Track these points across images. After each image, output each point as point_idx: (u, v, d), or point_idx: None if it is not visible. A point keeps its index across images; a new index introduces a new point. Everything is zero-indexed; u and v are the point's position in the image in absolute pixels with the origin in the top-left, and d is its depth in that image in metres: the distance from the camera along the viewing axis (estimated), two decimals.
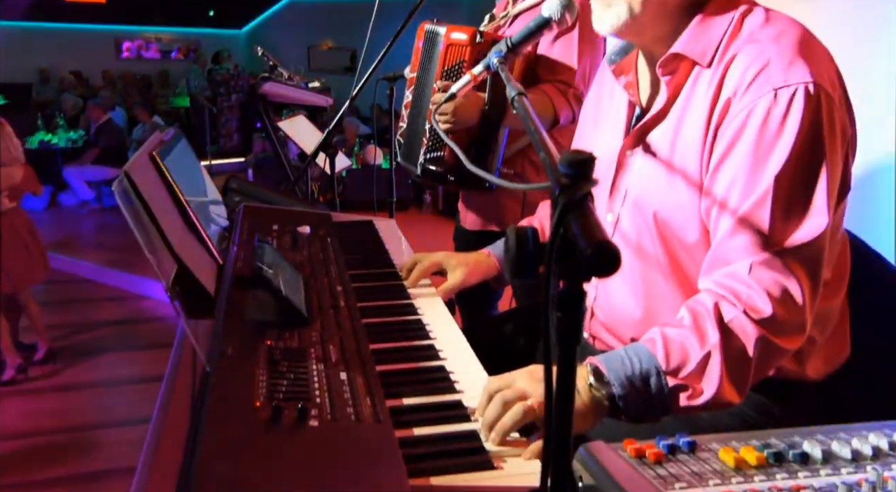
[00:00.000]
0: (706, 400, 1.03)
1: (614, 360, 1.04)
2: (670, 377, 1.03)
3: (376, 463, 0.87)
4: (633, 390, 1.02)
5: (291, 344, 1.16)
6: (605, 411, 1.04)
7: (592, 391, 1.03)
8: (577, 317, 0.61)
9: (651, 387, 1.02)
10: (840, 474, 0.78)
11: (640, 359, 1.04)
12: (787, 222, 1.06)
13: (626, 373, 1.02)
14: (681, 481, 0.78)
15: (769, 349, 1.05)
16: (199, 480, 0.75)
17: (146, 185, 1.06)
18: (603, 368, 1.03)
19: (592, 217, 0.58)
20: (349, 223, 2.03)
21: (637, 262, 1.25)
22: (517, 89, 0.96)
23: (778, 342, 1.05)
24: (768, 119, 1.06)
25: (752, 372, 1.05)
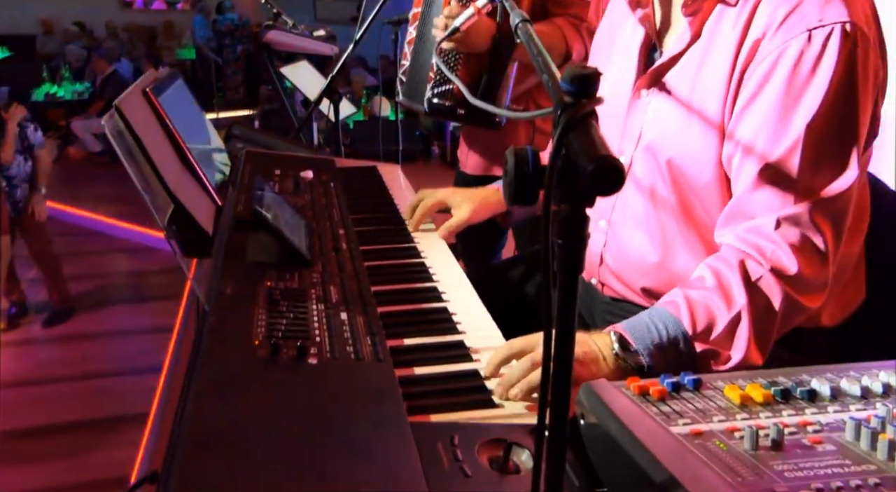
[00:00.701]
0: (734, 364, 0.99)
1: (639, 327, 1.00)
2: (698, 343, 0.99)
3: (376, 400, 0.86)
4: (661, 358, 0.97)
5: (291, 285, 1.14)
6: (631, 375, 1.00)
7: (619, 361, 0.98)
8: (580, 244, 0.58)
9: (680, 353, 0.97)
10: (849, 410, 0.76)
11: (667, 325, 0.99)
12: (816, 175, 1.01)
13: (654, 341, 0.97)
14: (684, 417, 0.76)
15: (793, 308, 1.02)
16: (193, 414, 0.74)
17: (138, 120, 1.03)
18: (629, 336, 0.99)
19: (596, 135, 0.54)
20: (353, 169, 2.00)
21: (649, 206, 1.21)
22: (521, 16, 0.91)
23: (802, 301, 1.02)
24: (800, 62, 0.99)
25: (775, 332, 1.02)
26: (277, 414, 0.78)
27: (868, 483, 0.63)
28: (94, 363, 3.73)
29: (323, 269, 1.24)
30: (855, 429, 0.70)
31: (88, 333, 4.08)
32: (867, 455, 0.67)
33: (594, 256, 1.32)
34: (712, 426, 0.74)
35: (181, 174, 1.14)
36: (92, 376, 3.60)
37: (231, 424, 0.75)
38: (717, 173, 1.11)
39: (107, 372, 3.62)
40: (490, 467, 0.77)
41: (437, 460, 0.75)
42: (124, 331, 4.17)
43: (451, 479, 0.73)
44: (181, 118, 1.29)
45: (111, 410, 3.16)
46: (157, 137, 1.12)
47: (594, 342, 0.99)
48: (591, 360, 0.96)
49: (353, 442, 0.75)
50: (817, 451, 0.69)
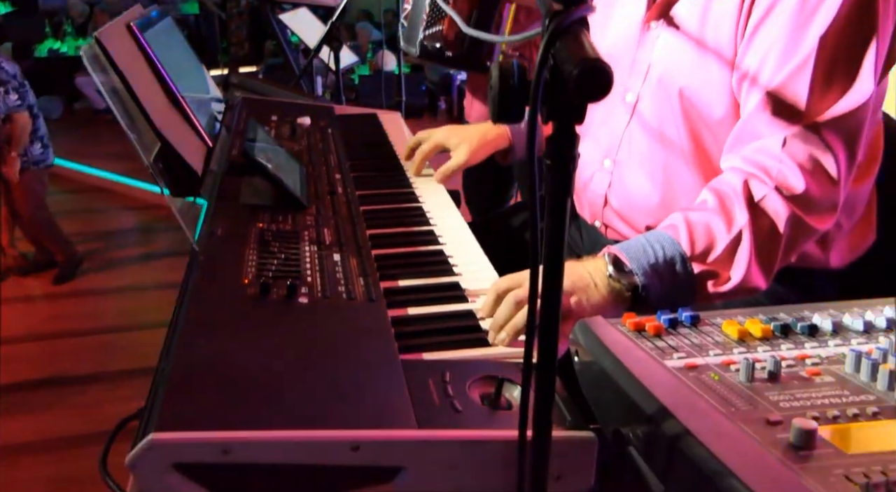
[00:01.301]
0: (733, 286, 0.96)
1: (635, 248, 0.96)
2: (696, 263, 0.95)
3: (367, 338, 0.84)
4: (657, 278, 0.93)
5: (284, 227, 1.12)
6: (625, 303, 0.95)
7: (611, 283, 0.94)
8: (569, 163, 0.55)
9: (677, 274, 0.94)
10: (850, 344, 0.74)
11: (664, 246, 0.95)
12: (829, 89, 0.96)
13: (650, 261, 0.94)
14: (680, 351, 0.74)
15: (800, 229, 0.98)
16: (178, 351, 0.73)
17: (121, 54, 0.99)
18: (624, 257, 0.95)
19: (585, 41, 0.51)
20: (352, 116, 1.96)
21: (657, 146, 1.17)
22: None
23: (809, 221, 0.98)
24: None
25: (780, 254, 0.98)
26: (265, 352, 0.77)
27: (866, 412, 0.61)
28: (106, 319, 3.77)
29: (317, 212, 1.21)
30: (855, 361, 0.68)
31: (100, 289, 4.11)
32: (867, 386, 0.65)
33: (598, 198, 1.28)
34: (708, 360, 0.72)
35: (169, 112, 1.11)
36: (104, 330, 3.64)
37: (217, 361, 0.73)
38: (730, 106, 1.06)
39: (119, 327, 3.66)
40: (482, 403, 0.76)
41: (427, 397, 0.74)
42: (135, 287, 4.19)
43: (440, 414, 0.72)
44: (169, 57, 1.26)
45: (123, 364, 3.20)
46: (142, 72, 1.09)
47: (585, 269, 0.96)
48: (581, 288, 0.93)
49: (341, 379, 0.74)
50: (815, 382, 0.67)
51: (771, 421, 0.60)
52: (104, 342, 3.43)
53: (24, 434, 2.65)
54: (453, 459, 0.68)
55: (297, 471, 0.63)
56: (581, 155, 1.42)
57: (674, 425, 0.61)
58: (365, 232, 1.17)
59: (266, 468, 0.62)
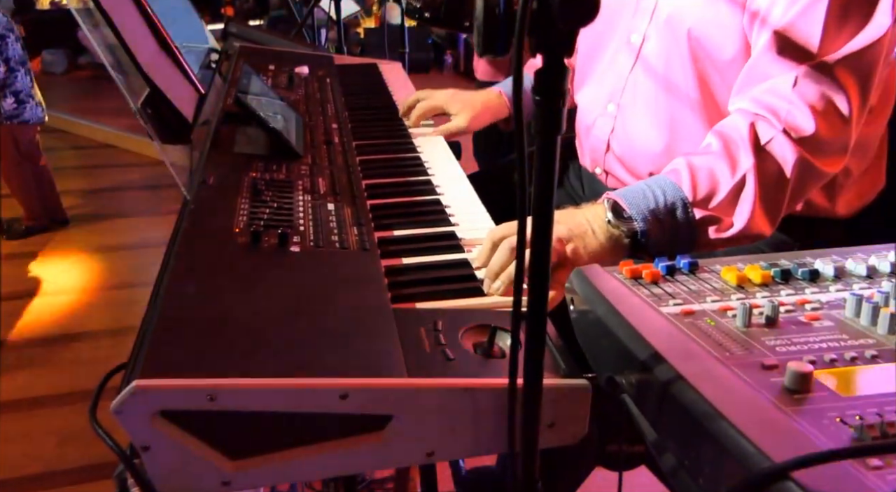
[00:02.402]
0: (736, 231, 0.94)
1: (635, 193, 0.94)
2: (698, 209, 0.93)
3: (358, 287, 0.83)
4: (657, 224, 0.91)
5: (278, 176, 1.10)
6: (624, 250, 0.93)
7: (610, 229, 0.92)
8: (558, 99, 0.52)
9: (677, 220, 0.92)
10: (851, 289, 0.72)
11: (665, 191, 0.93)
12: (843, 25, 0.92)
13: (650, 207, 0.92)
14: (676, 298, 0.73)
15: (808, 172, 0.94)
16: (165, 299, 0.72)
17: None
18: (623, 202, 0.93)
19: None
20: (352, 66, 1.91)
21: (662, 91, 1.13)
22: None
23: (818, 164, 0.94)
24: None
25: (786, 199, 0.95)
26: (254, 300, 0.76)
27: (865, 356, 0.59)
28: (115, 274, 3.79)
29: (312, 161, 1.19)
30: (856, 305, 0.66)
31: (109, 245, 4.13)
32: (866, 330, 0.64)
33: (601, 144, 1.25)
34: (705, 306, 0.71)
35: (158, 58, 1.08)
36: (114, 286, 3.67)
37: (204, 308, 0.73)
38: (741, 48, 1.02)
39: (128, 283, 3.69)
40: (474, 352, 0.75)
41: (418, 345, 0.73)
42: (144, 243, 4.20)
43: (431, 362, 0.71)
44: (162, 4, 1.22)
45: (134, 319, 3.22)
46: (130, 16, 1.05)
47: (583, 215, 0.94)
48: (579, 235, 0.91)
49: (331, 328, 0.73)
50: (814, 327, 0.65)
51: (766, 365, 0.58)
52: (114, 298, 3.47)
53: (37, 388, 2.70)
54: (444, 407, 0.67)
55: (284, 419, 0.63)
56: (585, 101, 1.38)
57: (666, 370, 0.59)
58: (361, 181, 1.15)
59: (253, 416, 0.62)
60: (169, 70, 1.09)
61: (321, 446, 0.65)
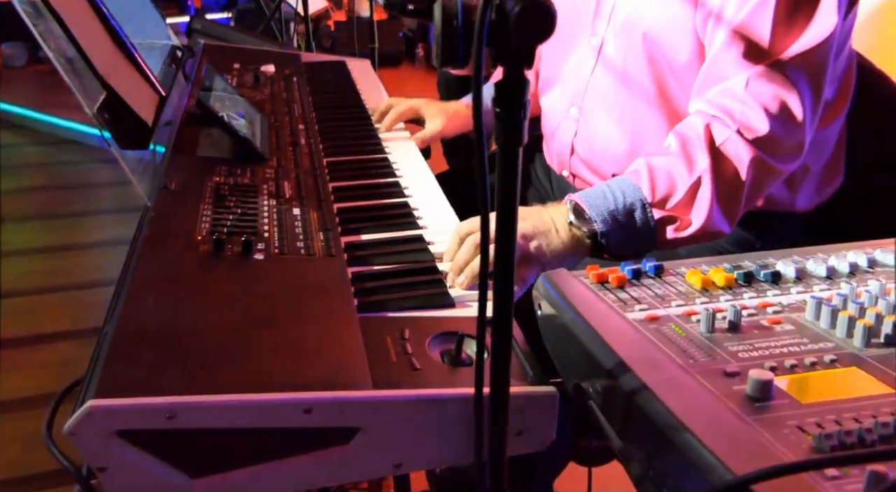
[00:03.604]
0: (695, 231, 0.96)
1: (596, 195, 0.96)
2: (656, 209, 0.96)
3: (324, 295, 0.82)
4: (616, 225, 0.94)
5: (242, 180, 1.08)
6: (586, 250, 0.96)
7: (572, 229, 0.95)
8: (519, 111, 0.52)
9: (636, 221, 0.95)
10: (812, 291, 0.73)
11: (624, 192, 0.96)
12: (791, 26, 0.94)
13: (609, 208, 0.94)
14: (642, 303, 0.73)
15: (764, 171, 0.97)
16: (123, 311, 0.70)
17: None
18: (584, 204, 0.95)
19: None
20: (320, 64, 1.89)
21: (622, 91, 1.14)
22: None
23: (774, 163, 0.97)
24: None
25: (744, 198, 0.97)
26: (215, 311, 0.74)
27: (823, 360, 0.60)
28: (80, 274, 3.70)
29: (278, 164, 1.17)
30: (815, 308, 0.67)
31: (73, 244, 4.03)
32: (826, 333, 0.65)
33: (565, 147, 1.26)
34: (669, 311, 0.71)
35: (116, 60, 1.05)
36: (78, 286, 3.58)
37: (164, 321, 0.71)
38: (695, 51, 1.04)
39: (92, 283, 3.60)
40: (442, 360, 0.74)
41: (385, 354, 0.72)
42: (110, 241, 4.11)
43: (398, 372, 0.70)
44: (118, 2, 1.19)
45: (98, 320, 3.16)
46: (84, 17, 1.02)
47: (548, 214, 0.96)
48: (542, 232, 0.93)
49: (295, 339, 0.72)
50: (775, 331, 0.66)
51: (728, 372, 0.59)
52: (78, 298, 3.39)
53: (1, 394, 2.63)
54: (411, 418, 0.67)
55: (247, 435, 0.62)
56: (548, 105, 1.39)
57: (631, 379, 0.59)
58: (328, 184, 1.14)
59: (215, 432, 0.61)
60: (127, 72, 1.06)
61: (286, 462, 0.64)
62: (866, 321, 0.62)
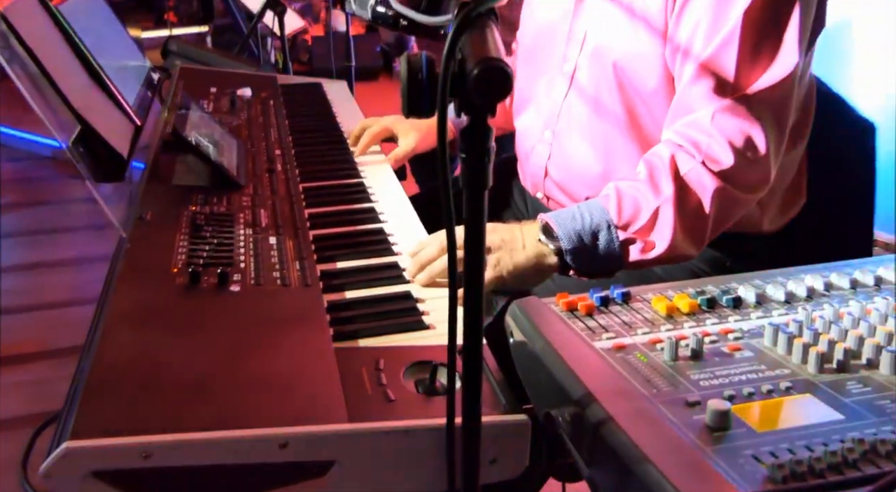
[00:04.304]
0: (659, 254, 1.00)
1: (565, 215, 1.01)
2: (621, 231, 1.00)
3: (300, 327, 0.83)
4: (581, 244, 0.98)
5: (218, 209, 1.09)
6: (551, 267, 1.01)
7: (539, 245, 1.00)
8: (484, 157, 0.54)
9: (600, 241, 0.99)
10: (771, 316, 0.76)
11: (592, 214, 1.00)
12: (755, 63, 0.98)
13: (576, 228, 0.98)
14: (609, 331, 0.75)
15: (729, 201, 1.01)
16: (98, 348, 0.71)
17: (31, 29, 0.94)
18: (553, 223, 1.00)
19: (489, 35, 0.49)
20: (296, 86, 1.90)
21: (594, 115, 1.17)
22: None
23: (738, 193, 1.01)
24: None
25: (710, 225, 1.01)
26: (191, 346, 0.75)
27: (780, 387, 0.62)
28: (53, 292, 3.65)
29: (254, 191, 1.18)
30: (773, 334, 0.70)
31: (47, 261, 3.98)
32: (782, 360, 0.67)
33: (539, 170, 1.29)
34: (636, 339, 0.73)
35: (90, 91, 1.06)
36: (51, 305, 3.53)
37: (139, 357, 0.72)
38: (663, 79, 1.07)
39: (67, 301, 3.56)
40: (416, 390, 0.76)
41: (360, 386, 0.74)
42: (84, 258, 4.06)
43: (373, 404, 0.72)
44: (92, 30, 1.19)
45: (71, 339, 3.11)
46: (58, 49, 1.03)
47: (519, 230, 1.02)
48: (508, 246, 0.99)
49: (270, 372, 0.73)
50: (735, 358, 0.68)
51: (689, 402, 0.61)
52: (51, 317, 3.34)
53: None
54: (385, 449, 0.68)
55: (224, 471, 0.63)
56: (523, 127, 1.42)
57: (597, 410, 0.62)
58: (303, 211, 1.15)
59: (191, 470, 0.62)
60: (102, 103, 1.07)
61: None
62: (819, 349, 0.65)
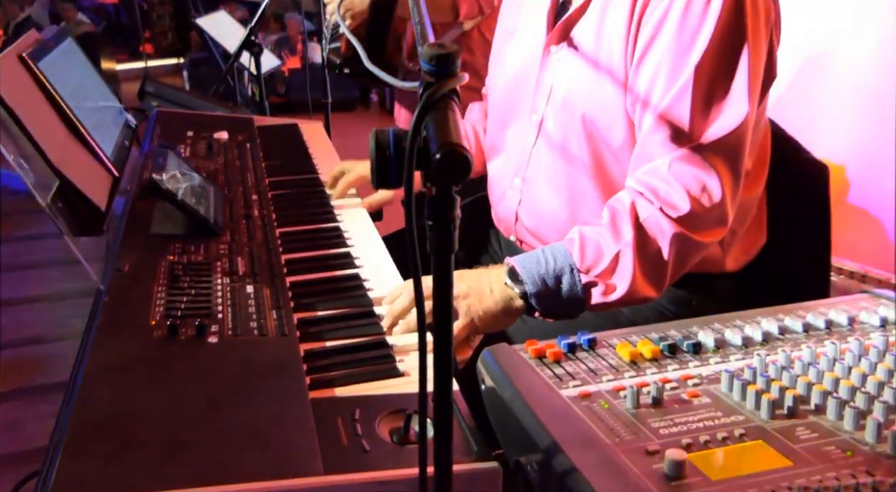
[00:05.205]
0: (620, 297, 1.04)
1: (530, 259, 1.04)
2: (584, 275, 1.03)
3: (277, 378, 0.85)
4: (545, 287, 1.02)
5: (196, 258, 1.11)
6: (519, 309, 1.04)
7: (506, 289, 1.04)
8: (449, 225, 0.57)
9: (563, 285, 1.03)
10: (728, 361, 0.80)
11: (556, 257, 1.04)
12: (707, 114, 1.03)
13: (540, 272, 1.02)
14: (576, 378, 0.78)
15: (687, 245, 1.05)
16: (78, 404, 0.72)
17: (12, 89, 0.96)
18: (518, 267, 1.03)
19: (451, 118, 0.53)
20: (272, 128, 1.93)
21: (562, 163, 1.22)
22: None
23: (696, 238, 1.05)
24: (691, 4, 1.01)
25: (669, 268, 1.06)
26: (170, 401, 0.77)
27: (734, 434, 0.66)
28: (24, 330, 3.60)
29: (232, 238, 1.21)
30: (729, 381, 0.73)
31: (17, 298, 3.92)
32: (737, 406, 0.71)
33: (510, 214, 1.32)
34: (601, 386, 0.76)
35: (68, 145, 1.08)
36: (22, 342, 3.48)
37: (119, 413, 0.73)
38: (628, 131, 1.12)
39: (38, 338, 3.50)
40: (391, 439, 0.78)
41: (336, 437, 0.76)
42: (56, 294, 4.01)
43: (348, 456, 0.74)
44: (69, 84, 1.22)
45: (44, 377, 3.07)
46: (37, 106, 1.05)
47: (486, 276, 1.06)
48: (476, 293, 1.03)
49: (248, 425, 0.75)
50: (693, 405, 0.72)
51: (649, 451, 0.64)
52: (22, 355, 3.29)
53: None
54: None
55: None
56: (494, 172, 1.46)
57: (563, 460, 0.64)
58: (280, 257, 1.18)
59: None
60: (80, 157, 1.09)
61: None
62: (770, 396, 0.69)
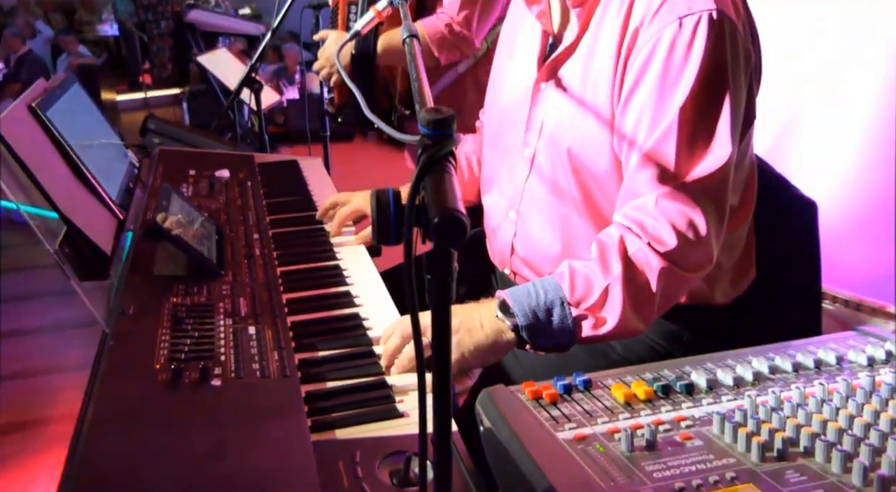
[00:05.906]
0: (610, 330, 1.06)
1: (521, 292, 1.07)
2: (574, 308, 1.06)
3: (278, 420, 0.87)
4: (536, 320, 1.04)
5: (199, 299, 1.13)
6: (510, 342, 1.06)
7: (497, 322, 1.06)
8: (448, 279, 0.60)
9: (554, 317, 1.05)
10: (721, 402, 0.82)
11: (547, 290, 1.06)
12: (692, 154, 1.07)
13: (531, 305, 1.05)
14: (572, 420, 0.80)
15: (674, 280, 1.08)
16: (84, 452, 0.74)
17: (22, 140, 0.99)
18: (509, 299, 1.06)
19: (448, 181, 0.56)
20: (272, 164, 1.97)
21: (553, 197, 1.25)
22: (409, 31, 0.92)
23: (683, 273, 1.08)
24: (674, 48, 1.05)
25: (657, 301, 1.08)
26: (174, 445, 0.78)
27: (725, 477, 0.68)
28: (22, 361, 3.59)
29: (234, 279, 1.23)
30: (720, 423, 0.75)
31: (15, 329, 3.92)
32: (729, 448, 0.73)
33: (505, 246, 1.35)
34: (596, 429, 0.78)
35: (75, 192, 1.11)
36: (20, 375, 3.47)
37: (125, 459, 0.75)
38: (613, 162, 1.16)
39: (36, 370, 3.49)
40: (391, 482, 0.80)
41: (337, 481, 0.78)
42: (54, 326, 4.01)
43: None
44: (76, 129, 1.25)
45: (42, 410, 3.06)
46: (46, 155, 1.08)
47: (477, 310, 1.08)
48: (467, 328, 1.05)
49: (251, 471, 0.76)
50: (686, 447, 0.73)
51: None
52: (20, 388, 3.28)
53: None
54: None
55: None
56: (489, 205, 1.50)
57: None
58: (281, 298, 1.20)
59: None
60: (86, 203, 1.12)
61: None
62: (761, 438, 0.71)
